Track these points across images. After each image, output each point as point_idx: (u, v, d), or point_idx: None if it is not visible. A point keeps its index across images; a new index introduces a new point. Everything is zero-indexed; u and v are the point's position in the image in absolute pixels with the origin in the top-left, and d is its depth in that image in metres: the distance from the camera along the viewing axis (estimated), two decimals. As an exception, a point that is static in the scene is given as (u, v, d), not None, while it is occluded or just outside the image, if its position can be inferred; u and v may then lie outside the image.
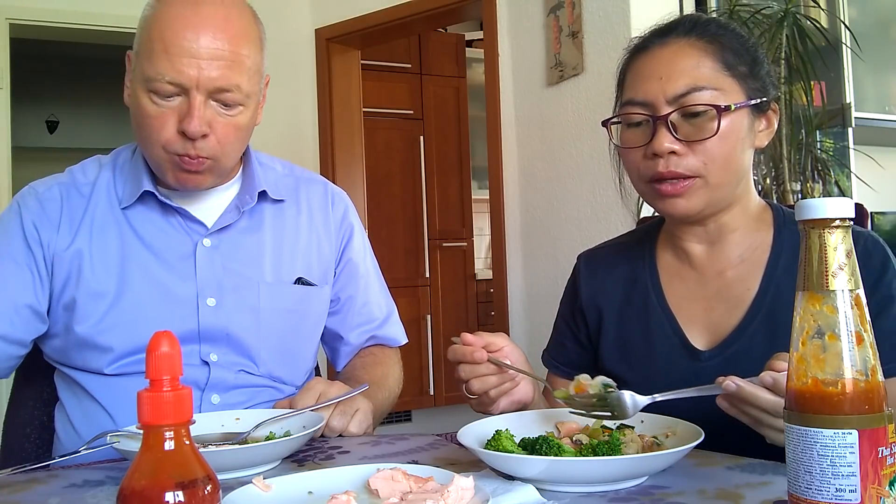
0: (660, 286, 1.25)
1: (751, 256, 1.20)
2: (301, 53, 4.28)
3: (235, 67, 1.23)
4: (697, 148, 1.12)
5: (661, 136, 1.12)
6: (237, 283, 1.35)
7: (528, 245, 3.48)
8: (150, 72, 1.21)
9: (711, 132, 1.11)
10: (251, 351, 1.35)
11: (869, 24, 3.58)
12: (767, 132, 1.19)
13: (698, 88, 1.12)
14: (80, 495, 0.95)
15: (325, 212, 1.48)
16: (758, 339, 1.14)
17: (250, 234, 1.39)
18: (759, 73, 1.17)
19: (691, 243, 1.23)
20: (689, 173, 1.13)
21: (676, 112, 1.12)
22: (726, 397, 0.94)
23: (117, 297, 1.30)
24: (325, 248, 1.46)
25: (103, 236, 1.33)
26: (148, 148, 1.28)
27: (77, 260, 1.31)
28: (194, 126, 1.21)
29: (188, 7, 1.22)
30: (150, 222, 1.35)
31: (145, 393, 0.61)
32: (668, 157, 1.13)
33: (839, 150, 3.36)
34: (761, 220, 1.22)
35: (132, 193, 1.34)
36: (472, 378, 1.10)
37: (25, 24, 3.83)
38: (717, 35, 1.16)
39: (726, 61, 1.14)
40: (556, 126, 3.28)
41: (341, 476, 0.90)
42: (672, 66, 1.14)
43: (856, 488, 0.64)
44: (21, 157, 4.42)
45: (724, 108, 1.11)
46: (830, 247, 0.67)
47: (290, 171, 1.50)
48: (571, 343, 1.35)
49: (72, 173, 1.39)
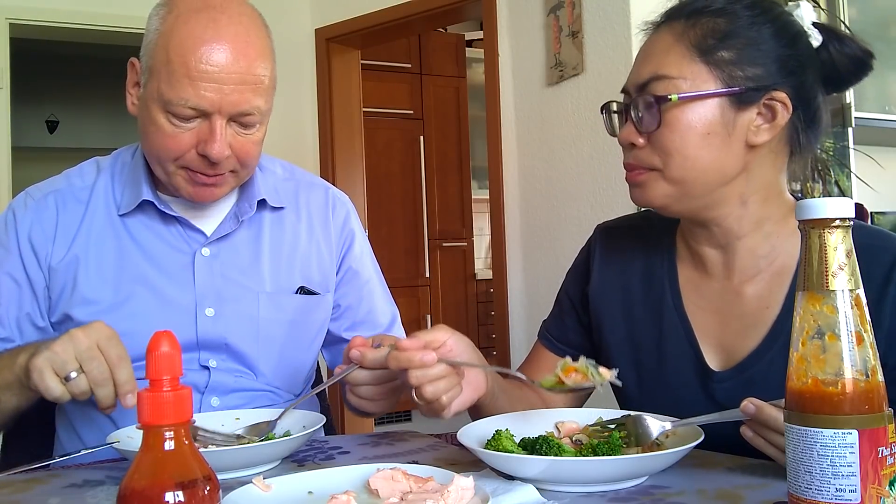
0: (678, 288, 1.17)
1: (770, 268, 1.10)
2: (301, 53, 4.28)
3: (257, 90, 1.21)
4: (653, 140, 1.06)
5: (626, 127, 1.09)
6: (236, 292, 1.34)
7: (528, 245, 3.48)
8: (170, 95, 1.18)
9: (655, 125, 1.05)
10: (250, 360, 1.34)
11: (869, 24, 3.58)
12: (769, 127, 1.05)
13: (658, 77, 1.05)
14: (80, 495, 0.95)
15: (325, 218, 1.46)
16: (778, 365, 1.02)
17: (249, 244, 1.38)
18: (761, 56, 1.04)
19: (703, 247, 1.14)
20: (644, 166, 1.08)
21: (640, 101, 1.07)
22: (750, 425, 0.89)
23: (115, 306, 1.29)
24: (325, 255, 1.44)
25: (100, 244, 1.31)
26: (160, 163, 1.26)
27: (73, 267, 1.29)
28: (217, 151, 1.20)
29: (208, 27, 1.18)
30: (149, 230, 1.33)
31: (145, 393, 0.61)
32: (630, 149, 1.09)
33: (839, 150, 3.36)
34: (784, 224, 1.10)
35: (131, 201, 1.32)
36: (424, 384, 0.99)
37: (25, 24, 3.83)
38: (709, 14, 1.06)
39: (703, 46, 1.04)
40: (556, 126, 3.28)
41: (341, 476, 0.90)
42: (646, 52, 1.10)
43: (856, 488, 0.64)
44: (21, 157, 4.42)
45: (666, 99, 1.03)
46: (830, 247, 0.67)
47: (292, 174, 1.49)
48: (572, 322, 1.29)
49: (69, 178, 1.37)
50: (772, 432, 0.86)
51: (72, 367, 1.03)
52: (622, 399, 1.19)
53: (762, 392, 0.91)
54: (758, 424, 0.88)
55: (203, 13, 1.20)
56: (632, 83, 1.09)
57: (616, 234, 1.27)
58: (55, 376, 1.03)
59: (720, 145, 1.04)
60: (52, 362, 1.03)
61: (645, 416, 0.99)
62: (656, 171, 1.07)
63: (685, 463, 0.93)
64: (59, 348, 1.03)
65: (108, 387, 1.04)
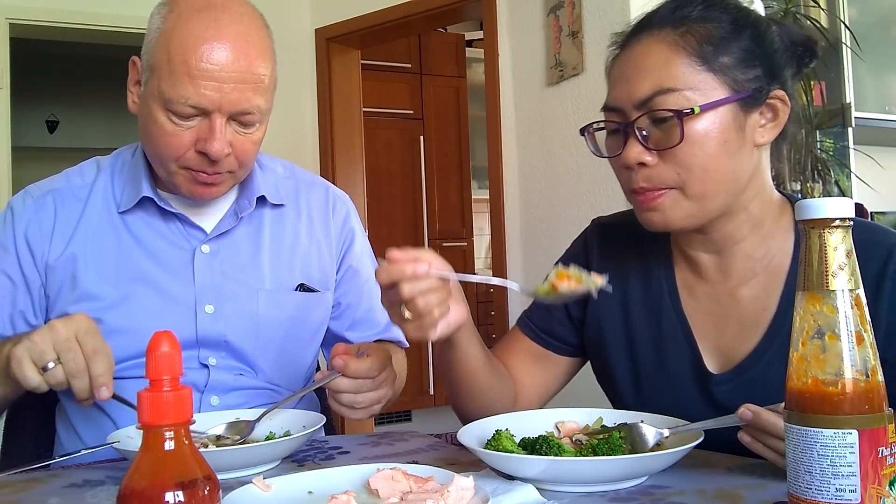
0: (676, 289, 1.15)
1: (766, 269, 1.09)
2: (301, 53, 4.28)
3: (257, 89, 1.22)
4: (668, 157, 1.01)
5: (630, 146, 1.03)
6: (236, 289, 1.34)
7: (528, 245, 3.48)
8: (170, 93, 1.18)
9: (677, 139, 1.00)
10: (249, 357, 1.34)
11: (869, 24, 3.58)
12: (773, 125, 1.05)
13: (664, 91, 1.00)
14: (80, 495, 0.95)
15: (325, 217, 1.46)
16: (776, 367, 1.04)
17: (249, 240, 1.38)
18: (754, 58, 1.03)
19: (697, 252, 1.12)
20: (663, 185, 1.02)
21: (646, 117, 1.02)
22: (748, 430, 0.88)
23: (115, 303, 1.29)
24: (325, 253, 1.44)
25: (99, 241, 1.32)
26: (161, 161, 1.26)
27: (71, 265, 1.30)
28: (217, 149, 1.20)
29: (210, 26, 1.19)
30: (149, 227, 1.34)
31: (145, 393, 0.61)
32: (640, 169, 1.03)
33: (839, 150, 3.37)
34: (778, 223, 1.10)
35: (131, 198, 1.33)
36: (416, 296, 0.95)
37: (25, 24, 3.83)
38: (697, 21, 1.03)
39: (703, 54, 1.01)
40: (556, 126, 3.28)
41: (341, 476, 0.90)
42: (638, 66, 1.04)
43: (856, 488, 0.64)
44: (21, 157, 4.42)
45: (687, 112, 0.99)
46: (830, 247, 0.67)
47: (292, 173, 1.49)
48: (560, 315, 1.25)
49: (69, 177, 1.37)
50: (770, 437, 0.86)
51: (49, 357, 1.04)
52: (619, 399, 1.18)
53: (761, 394, 0.91)
54: (755, 430, 0.87)
55: (205, 12, 1.20)
56: (626, 101, 1.04)
57: (613, 232, 1.25)
58: (33, 366, 1.04)
59: (736, 151, 1.02)
60: (31, 352, 1.04)
61: (641, 425, 0.98)
62: (675, 191, 1.03)
63: (685, 463, 0.93)
64: (38, 338, 1.05)
65: (84, 378, 1.05)
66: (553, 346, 1.25)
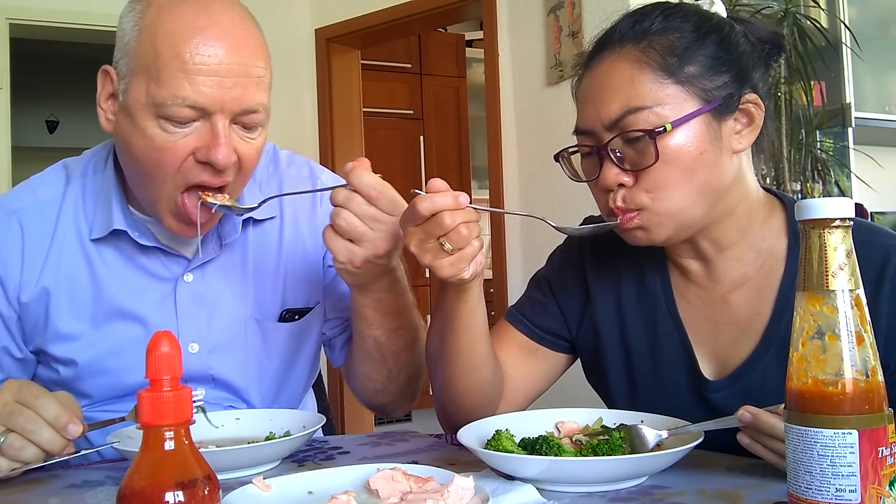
0: (671, 293, 1.13)
1: (757, 274, 1.07)
2: (301, 53, 4.28)
3: (260, 84, 1.08)
4: (643, 177, 1.00)
5: (606, 169, 1.01)
6: (222, 323, 1.23)
7: (528, 245, 3.48)
8: (162, 95, 1.03)
9: (652, 159, 0.98)
10: (241, 392, 1.26)
11: (869, 24, 3.58)
12: (749, 130, 1.03)
13: (633, 110, 0.98)
14: (80, 495, 0.95)
15: (312, 212, 1.32)
16: (772, 373, 1.03)
17: (234, 266, 1.25)
18: (721, 63, 1.01)
19: (684, 259, 1.11)
20: (636, 207, 1.01)
21: (618, 139, 1.00)
22: (746, 432, 0.87)
23: (92, 342, 1.19)
24: (310, 254, 1.30)
25: (72, 273, 1.19)
26: (152, 187, 1.10)
27: (44, 300, 1.19)
28: (223, 154, 1.05)
29: (200, 16, 1.05)
30: (125, 257, 1.20)
31: (145, 393, 0.61)
32: (618, 191, 1.01)
33: (839, 150, 3.37)
34: (768, 225, 1.08)
35: (103, 226, 1.19)
36: (459, 224, 0.93)
37: (25, 24, 3.83)
38: (658, 34, 1.01)
39: (667, 66, 0.99)
40: (556, 126, 3.28)
41: (341, 476, 0.90)
42: (603, 86, 1.01)
43: (856, 488, 0.64)
44: (21, 157, 4.42)
45: (659, 130, 0.97)
46: (830, 247, 0.67)
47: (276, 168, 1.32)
48: (554, 309, 1.23)
49: (34, 191, 1.23)
50: (769, 438, 0.86)
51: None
52: (615, 404, 1.16)
53: (758, 400, 0.91)
54: (755, 431, 0.87)
55: (190, 1, 1.07)
56: (596, 122, 1.02)
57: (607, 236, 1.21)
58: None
59: (714, 161, 1.01)
60: None
61: (641, 427, 0.98)
62: (646, 212, 1.01)
63: (685, 463, 0.93)
64: None
65: (45, 430, 0.95)
66: (545, 340, 1.23)
